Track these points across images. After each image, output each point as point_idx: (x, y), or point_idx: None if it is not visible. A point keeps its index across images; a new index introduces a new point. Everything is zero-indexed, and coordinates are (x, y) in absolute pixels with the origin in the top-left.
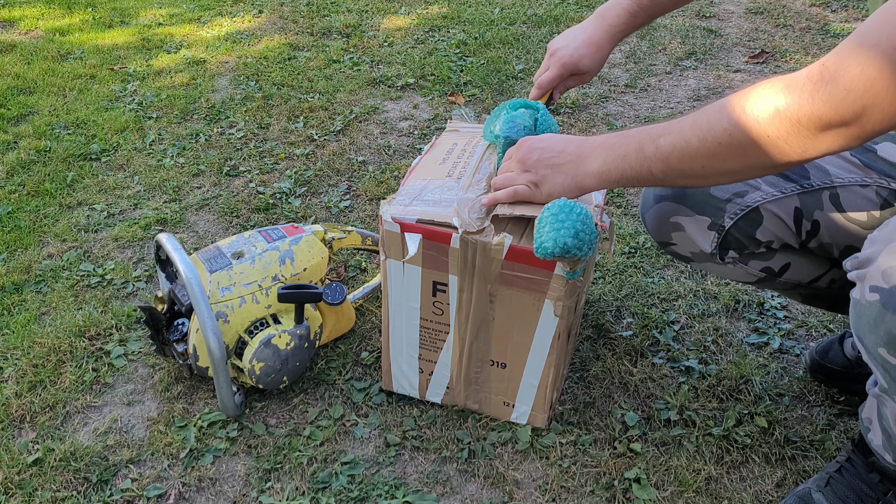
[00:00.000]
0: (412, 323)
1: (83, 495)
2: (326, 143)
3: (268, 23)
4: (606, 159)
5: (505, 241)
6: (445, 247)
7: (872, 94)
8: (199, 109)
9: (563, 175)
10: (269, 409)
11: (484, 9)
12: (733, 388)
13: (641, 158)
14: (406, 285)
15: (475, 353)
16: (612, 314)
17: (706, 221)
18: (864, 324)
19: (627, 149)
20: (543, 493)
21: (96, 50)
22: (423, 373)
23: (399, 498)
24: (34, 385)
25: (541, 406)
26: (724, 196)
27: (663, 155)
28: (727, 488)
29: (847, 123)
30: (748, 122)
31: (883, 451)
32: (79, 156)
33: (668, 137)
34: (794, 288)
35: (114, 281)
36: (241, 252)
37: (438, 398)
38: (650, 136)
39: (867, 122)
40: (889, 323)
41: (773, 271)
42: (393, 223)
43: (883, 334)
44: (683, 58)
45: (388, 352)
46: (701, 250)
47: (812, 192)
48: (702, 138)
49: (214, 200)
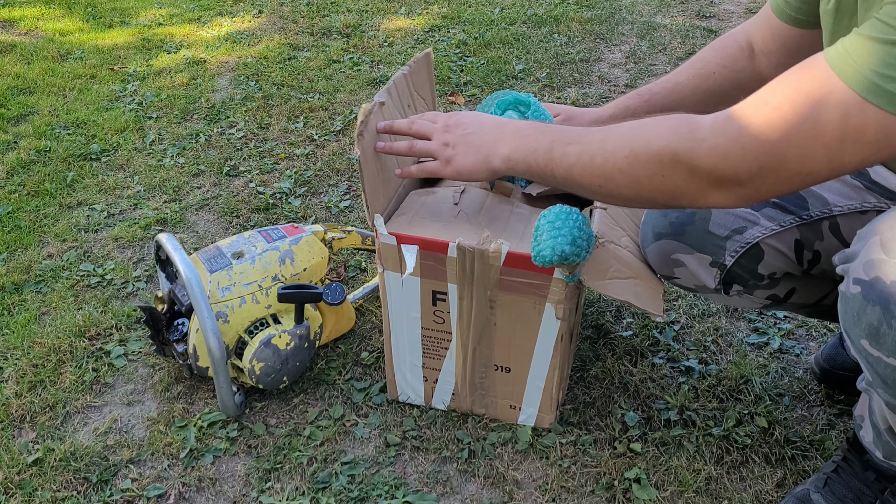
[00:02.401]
0: (414, 332)
1: (83, 495)
2: (326, 143)
3: (268, 23)
4: (517, 147)
5: (502, 247)
6: (443, 256)
7: (770, 158)
8: (199, 109)
9: (476, 154)
10: (269, 409)
11: (484, 9)
12: (733, 388)
13: (548, 159)
14: (405, 296)
15: (479, 358)
16: (612, 314)
17: (707, 259)
18: (849, 317)
19: (538, 144)
20: (543, 493)
21: (96, 50)
22: (427, 381)
23: (399, 498)
24: (34, 385)
25: (548, 407)
26: (723, 234)
27: (568, 163)
28: (727, 488)
29: (741, 183)
30: (647, 158)
31: (873, 447)
32: (79, 156)
33: (576, 147)
34: (800, 308)
35: (114, 281)
36: (241, 252)
37: (444, 405)
38: (563, 139)
39: (762, 184)
40: (870, 314)
41: (779, 297)
42: (389, 236)
43: (865, 326)
44: (683, 58)
45: (391, 362)
46: (704, 285)
47: (811, 224)
48: (605, 158)
49: (214, 200)
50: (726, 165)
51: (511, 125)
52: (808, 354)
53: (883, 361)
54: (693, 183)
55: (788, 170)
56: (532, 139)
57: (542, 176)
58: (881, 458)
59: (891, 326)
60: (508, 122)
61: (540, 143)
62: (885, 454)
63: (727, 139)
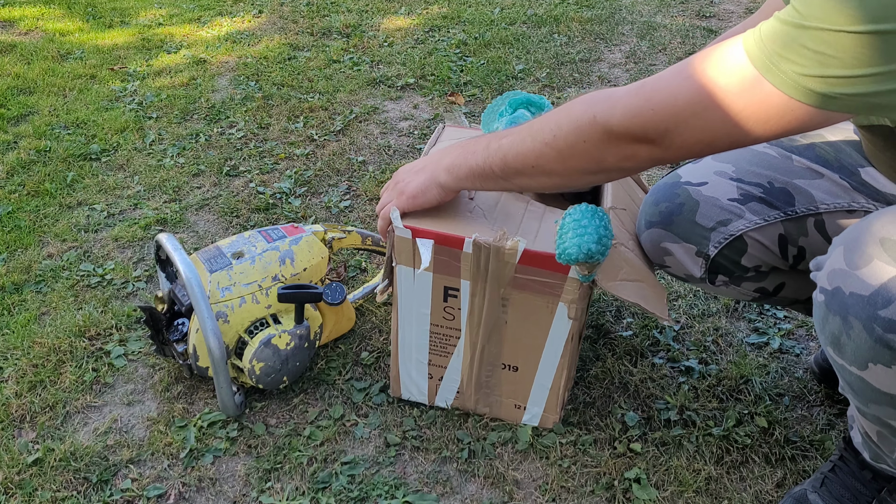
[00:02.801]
0: (422, 329)
1: (83, 495)
2: (326, 143)
3: (268, 23)
4: (458, 155)
5: (519, 244)
6: (458, 252)
7: (676, 121)
8: (199, 109)
9: (423, 175)
10: (269, 409)
11: (484, 9)
12: (733, 388)
13: (486, 156)
14: (416, 291)
15: (486, 357)
16: (612, 314)
17: (693, 249)
18: (818, 323)
19: (476, 147)
20: (543, 493)
21: (96, 50)
22: (432, 378)
23: (399, 498)
24: (34, 385)
25: (553, 407)
26: (709, 224)
27: (503, 152)
28: (727, 488)
29: (651, 141)
30: (569, 127)
31: (862, 448)
32: (79, 156)
33: (509, 137)
34: (794, 304)
35: (114, 281)
36: (241, 252)
37: (447, 403)
38: (497, 135)
39: (670, 146)
40: (831, 323)
41: (768, 291)
42: (404, 229)
43: (829, 334)
44: (683, 58)
45: (396, 358)
46: (691, 274)
47: (796, 219)
48: (533, 137)
49: (214, 200)
50: (637, 122)
51: (454, 146)
52: (808, 354)
53: (846, 369)
54: (610, 144)
55: (692, 136)
56: (470, 144)
57: (483, 174)
58: (869, 460)
59: (849, 337)
60: (450, 146)
61: (477, 144)
62: (871, 456)
63: (640, 99)
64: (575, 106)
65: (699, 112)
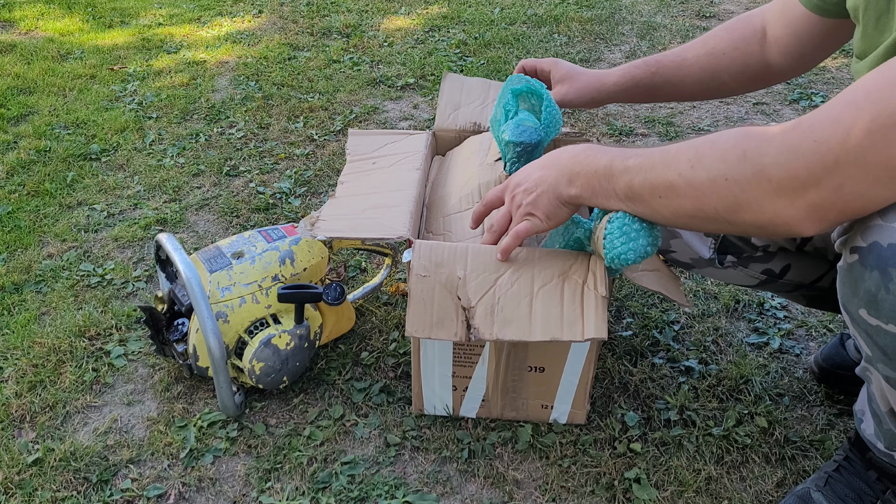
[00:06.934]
0: (445, 343)
1: (83, 495)
2: (326, 143)
3: (268, 23)
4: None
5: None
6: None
7: (846, 149)
8: (199, 109)
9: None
10: (269, 409)
11: (484, 9)
12: (733, 388)
13: (608, 175)
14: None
15: (513, 361)
16: (612, 314)
17: None
18: (847, 289)
19: (598, 164)
20: (543, 493)
21: (96, 50)
22: (456, 390)
23: (399, 498)
24: (34, 385)
25: (581, 403)
26: None
27: (629, 176)
28: (727, 488)
29: (813, 184)
30: (712, 158)
31: (875, 438)
32: (79, 156)
33: (637, 159)
34: (797, 289)
35: (114, 281)
36: (241, 252)
37: (473, 413)
38: (622, 154)
39: (838, 186)
40: (868, 281)
41: (774, 273)
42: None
43: (863, 294)
44: None
45: (418, 374)
46: (700, 256)
47: None
48: (666, 164)
49: (214, 200)
50: (796, 159)
51: (563, 154)
52: (808, 354)
53: (882, 330)
54: (759, 185)
55: (870, 162)
56: (590, 160)
57: (605, 195)
58: (884, 449)
59: (888, 291)
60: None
61: (599, 162)
62: (887, 444)
63: (799, 133)
64: (720, 137)
65: (880, 134)
